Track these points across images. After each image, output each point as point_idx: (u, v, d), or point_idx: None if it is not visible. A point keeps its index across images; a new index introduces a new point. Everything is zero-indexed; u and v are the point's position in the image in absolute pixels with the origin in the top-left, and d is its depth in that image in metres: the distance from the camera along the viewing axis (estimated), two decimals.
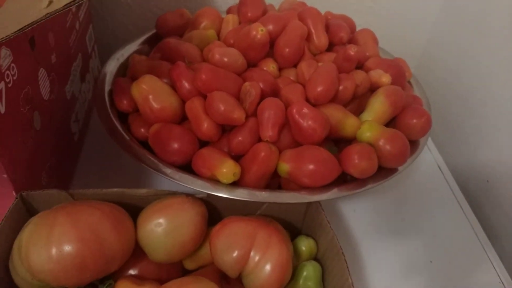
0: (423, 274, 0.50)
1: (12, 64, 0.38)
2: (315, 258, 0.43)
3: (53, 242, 0.33)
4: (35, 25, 0.31)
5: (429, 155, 0.67)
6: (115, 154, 0.60)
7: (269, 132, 0.42)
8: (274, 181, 0.46)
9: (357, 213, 0.57)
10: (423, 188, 0.61)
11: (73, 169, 0.57)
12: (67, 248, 0.33)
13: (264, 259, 0.37)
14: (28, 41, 0.42)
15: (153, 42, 0.62)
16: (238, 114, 0.43)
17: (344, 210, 0.57)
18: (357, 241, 0.53)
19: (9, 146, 0.38)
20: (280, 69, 0.52)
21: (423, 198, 0.60)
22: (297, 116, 0.42)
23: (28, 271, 0.34)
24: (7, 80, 0.37)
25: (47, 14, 0.31)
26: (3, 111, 0.36)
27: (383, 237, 0.54)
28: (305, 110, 0.42)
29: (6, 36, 0.30)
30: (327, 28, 0.55)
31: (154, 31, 0.63)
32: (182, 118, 0.48)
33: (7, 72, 0.37)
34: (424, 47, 0.79)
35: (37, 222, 0.35)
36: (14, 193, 0.39)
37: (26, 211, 0.40)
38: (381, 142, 0.43)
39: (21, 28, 0.30)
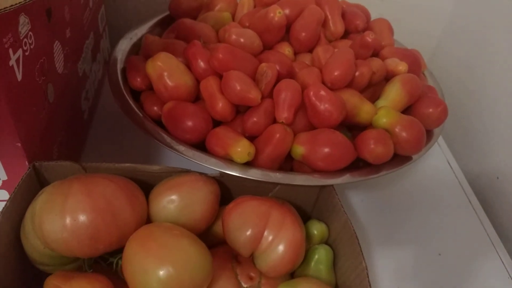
0: (431, 267, 0.50)
1: (30, 33, 0.38)
2: (326, 243, 0.43)
3: (68, 211, 0.33)
4: None
5: (438, 150, 0.67)
6: (123, 134, 0.60)
7: (284, 114, 0.42)
8: (286, 165, 0.46)
9: (365, 203, 0.57)
10: (432, 182, 0.61)
11: (82, 147, 0.57)
12: (82, 217, 0.33)
13: (277, 239, 0.36)
14: (45, 12, 0.41)
15: (165, 24, 0.62)
16: (254, 94, 0.42)
17: (352, 200, 0.57)
18: (365, 231, 0.53)
19: (24, 114, 0.37)
20: (295, 54, 0.51)
21: (432, 192, 0.59)
22: (313, 99, 0.42)
23: (41, 240, 0.34)
24: (25, 48, 0.37)
25: None
26: (19, 78, 0.36)
27: (390, 228, 0.54)
28: (322, 92, 0.42)
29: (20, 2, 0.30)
30: (343, 15, 0.55)
31: (166, 13, 0.63)
32: (195, 98, 0.47)
33: (25, 40, 0.37)
34: (437, 41, 0.79)
35: (51, 191, 0.35)
36: (27, 163, 0.39)
37: (37, 182, 0.40)
38: (397, 129, 0.43)
39: None
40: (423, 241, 0.53)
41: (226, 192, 0.43)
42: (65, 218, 0.33)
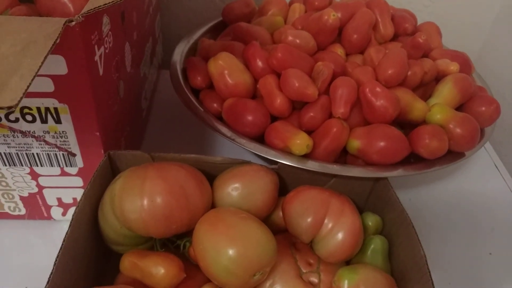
0: (482, 266, 0.50)
1: (110, 32, 0.41)
2: (380, 234, 0.44)
3: (146, 193, 0.36)
4: None
5: (484, 153, 0.67)
6: (177, 132, 0.63)
7: (341, 109, 0.44)
8: (340, 159, 0.47)
9: (413, 202, 0.57)
10: (479, 183, 0.61)
11: (141, 143, 0.61)
12: (158, 199, 0.36)
13: (337, 226, 0.38)
14: (120, 15, 0.45)
15: (216, 30, 0.65)
16: (311, 90, 0.44)
17: (400, 198, 0.57)
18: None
19: (103, 106, 0.41)
20: (346, 55, 0.54)
21: (479, 192, 0.59)
22: (369, 95, 0.44)
23: (120, 219, 0.37)
24: (106, 46, 0.40)
25: None
26: (101, 73, 0.40)
27: (438, 226, 0.54)
28: (378, 89, 0.43)
29: (112, 1, 0.33)
30: (392, 19, 0.56)
31: (218, 19, 0.67)
32: (253, 96, 0.50)
33: (106, 38, 0.40)
34: (479, 52, 0.79)
35: (129, 175, 0.38)
36: (102, 152, 0.42)
37: (111, 169, 0.43)
38: (451, 125, 0.44)
39: None
40: (473, 240, 0.53)
41: (282, 184, 0.45)
42: (143, 199, 0.36)
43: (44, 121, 0.39)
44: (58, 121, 0.39)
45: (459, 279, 0.48)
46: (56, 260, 0.32)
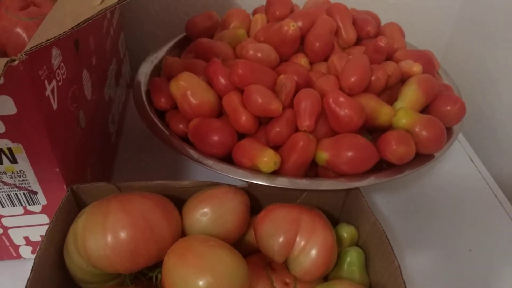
0: (463, 263, 0.50)
1: (62, 64, 0.40)
2: (356, 245, 0.43)
3: (109, 229, 0.35)
4: (85, 24, 0.33)
5: (458, 147, 0.67)
6: (149, 154, 0.62)
7: (306, 122, 0.43)
8: (311, 171, 0.47)
9: (391, 204, 0.57)
10: (456, 179, 0.61)
11: (112, 168, 0.59)
12: (122, 234, 0.34)
13: (310, 244, 0.37)
14: (74, 43, 0.44)
15: (182, 45, 0.64)
16: (275, 106, 0.44)
17: (378, 202, 0.57)
18: (393, 232, 0.53)
19: (60, 141, 0.39)
20: (310, 64, 0.53)
21: (457, 188, 0.60)
22: (333, 105, 0.43)
23: (85, 258, 0.35)
24: (58, 78, 0.39)
25: (102, 9, 0.33)
26: (55, 107, 0.38)
27: (418, 227, 0.54)
28: (341, 98, 0.43)
29: (64, 32, 0.32)
30: (354, 22, 0.56)
31: (182, 35, 0.66)
32: (219, 114, 0.49)
33: (58, 71, 0.39)
34: (448, 39, 0.79)
35: (92, 211, 0.37)
36: (65, 187, 0.41)
37: (75, 204, 0.42)
38: (417, 128, 0.44)
39: (79, 24, 0.32)
40: (453, 238, 0.53)
41: (254, 202, 0.45)
42: (106, 236, 0.34)
43: None
44: (14, 161, 0.38)
45: (440, 278, 0.48)
46: None
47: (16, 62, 0.31)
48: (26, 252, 0.47)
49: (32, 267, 0.34)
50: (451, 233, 0.53)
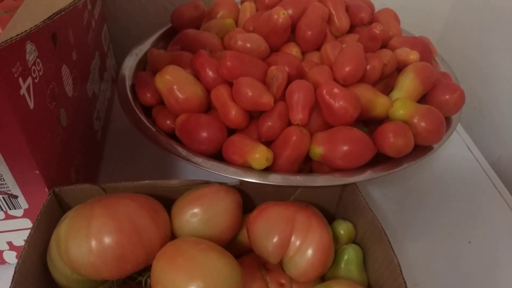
0: (462, 255, 0.49)
1: (38, 60, 0.38)
2: (354, 242, 0.42)
3: (93, 234, 0.33)
4: (58, 16, 0.30)
5: (456, 136, 0.65)
6: (138, 151, 0.60)
7: (299, 115, 0.41)
8: (305, 166, 0.45)
9: (388, 198, 0.56)
10: (454, 170, 0.60)
11: (98, 166, 0.57)
12: (107, 239, 0.33)
13: (305, 243, 0.36)
14: (51, 37, 0.41)
15: (168, 37, 0.61)
16: (266, 99, 0.42)
17: (374, 195, 0.56)
18: (390, 226, 0.52)
19: (39, 142, 0.37)
20: (303, 53, 0.51)
21: (455, 180, 0.58)
22: (327, 97, 0.41)
23: (68, 265, 0.34)
24: (34, 75, 0.37)
25: (74, 1, 0.30)
26: (32, 106, 0.36)
27: (416, 220, 0.53)
28: (336, 90, 0.41)
29: (35, 25, 0.30)
30: (347, 9, 0.54)
31: (168, 26, 0.63)
32: (207, 108, 0.47)
33: (33, 67, 0.37)
34: (444, 23, 0.77)
35: (74, 216, 0.35)
36: (46, 190, 0.39)
37: (59, 207, 0.40)
38: (415, 119, 0.42)
39: (51, 16, 0.30)
40: (452, 230, 0.52)
41: (247, 200, 0.43)
42: (90, 241, 0.33)
43: None
44: None
45: (439, 270, 0.47)
46: None
47: None
48: (11, 257, 0.45)
49: (13, 276, 0.32)
50: (450, 225, 0.52)
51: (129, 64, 0.55)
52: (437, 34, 0.78)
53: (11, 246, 0.44)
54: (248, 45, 0.46)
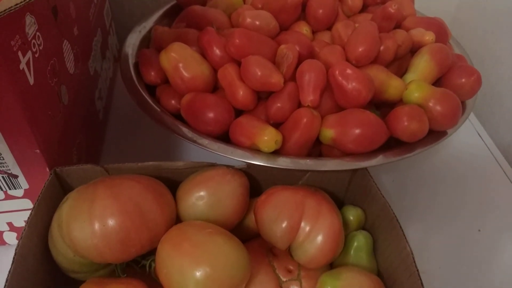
0: (472, 243, 0.48)
1: (38, 33, 0.36)
2: (363, 228, 0.41)
3: (96, 217, 0.31)
4: None
5: (467, 123, 0.63)
6: (142, 131, 0.58)
7: (310, 96, 0.40)
8: (315, 150, 0.43)
9: (396, 183, 0.54)
10: (464, 157, 0.58)
11: (101, 147, 0.56)
12: (111, 222, 0.31)
13: (315, 229, 0.34)
14: (51, 10, 0.40)
15: (173, 14, 0.59)
16: (276, 79, 0.40)
17: (383, 180, 0.55)
18: (398, 212, 0.51)
19: (40, 119, 0.36)
20: (313, 32, 0.49)
21: (466, 167, 0.57)
22: (340, 78, 0.39)
23: (70, 247, 0.32)
24: (34, 50, 0.35)
25: None
26: (31, 82, 0.34)
27: (425, 207, 0.52)
28: (349, 70, 0.39)
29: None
30: None
31: (173, 2, 0.61)
32: (214, 88, 0.45)
33: (33, 41, 0.35)
34: (454, 12, 0.75)
35: (77, 197, 0.34)
36: (47, 169, 0.37)
37: (60, 188, 0.39)
38: (431, 103, 0.40)
39: None
40: (461, 218, 0.51)
41: (254, 183, 0.41)
42: (93, 224, 0.31)
43: None
44: None
45: (447, 258, 0.46)
46: None
47: None
48: (11, 238, 0.44)
49: (14, 258, 0.31)
50: (459, 213, 0.51)
51: (132, 41, 0.53)
52: (450, 15, 0.76)
53: (11, 227, 0.43)
54: (257, 22, 0.44)
